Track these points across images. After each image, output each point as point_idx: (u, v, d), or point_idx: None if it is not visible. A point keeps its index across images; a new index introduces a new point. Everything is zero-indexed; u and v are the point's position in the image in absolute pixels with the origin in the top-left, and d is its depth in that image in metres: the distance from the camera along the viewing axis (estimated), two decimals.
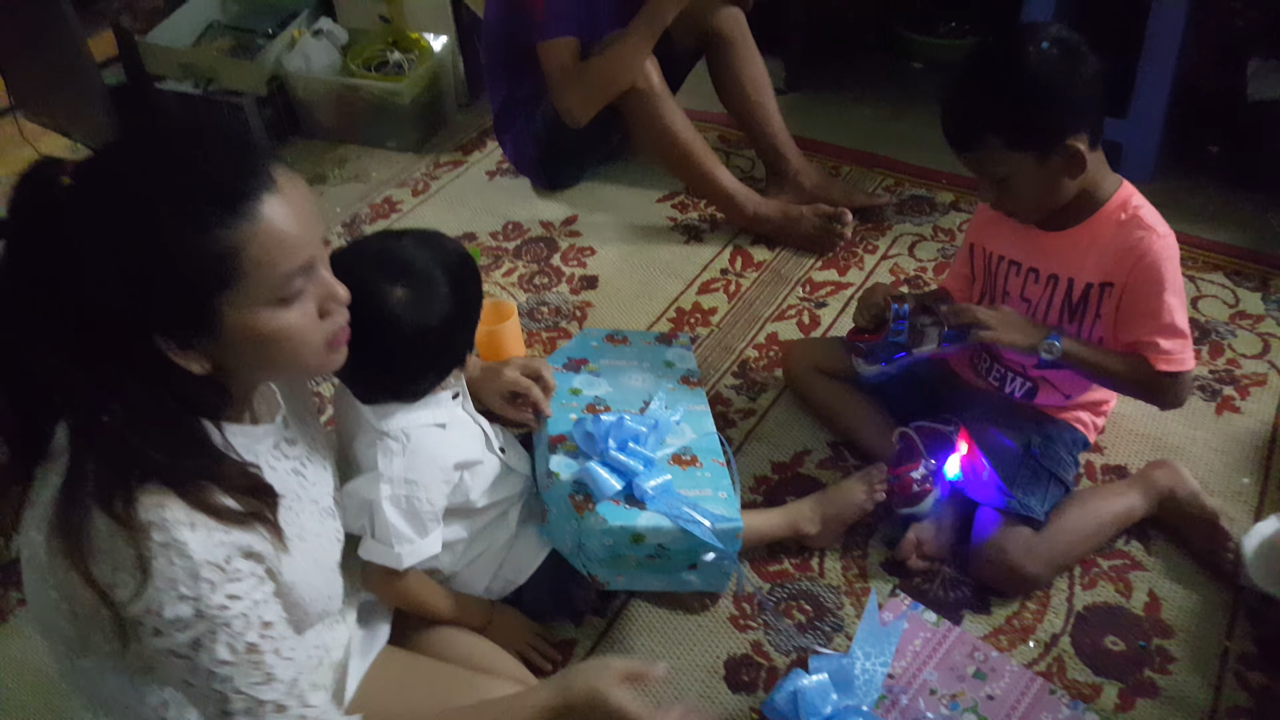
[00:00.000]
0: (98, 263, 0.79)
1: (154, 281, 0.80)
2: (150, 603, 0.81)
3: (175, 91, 2.64)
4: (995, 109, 1.30)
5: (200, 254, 0.79)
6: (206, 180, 0.80)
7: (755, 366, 1.89)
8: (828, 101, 2.66)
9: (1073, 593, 1.46)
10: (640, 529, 1.30)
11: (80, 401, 0.82)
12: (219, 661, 0.84)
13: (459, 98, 2.78)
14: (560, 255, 2.22)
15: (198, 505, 0.83)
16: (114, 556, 0.80)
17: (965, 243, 1.60)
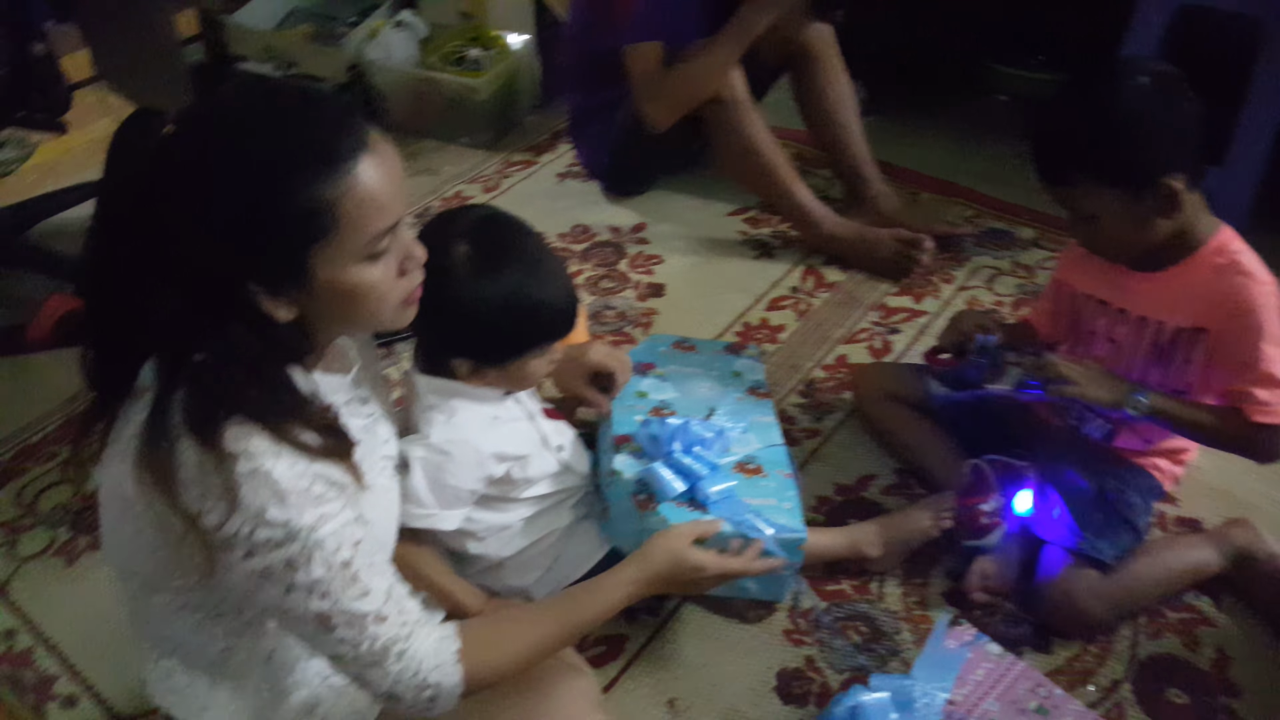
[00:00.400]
0: (200, 209, 0.82)
1: (253, 230, 0.83)
2: (240, 526, 0.83)
3: (255, 73, 2.68)
4: (1088, 143, 1.27)
5: (299, 207, 0.83)
6: (309, 137, 0.84)
7: (822, 387, 1.87)
8: (907, 127, 2.64)
9: (1137, 641, 1.42)
10: None
11: (176, 339, 0.85)
12: (315, 580, 0.86)
13: (533, 98, 2.80)
14: (628, 261, 2.21)
15: (282, 438, 0.86)
16: (203, 484, 0.82)
17: (1053, 279, 1.58)
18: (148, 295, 0.83)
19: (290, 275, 0.86)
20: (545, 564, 1.38)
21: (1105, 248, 1.38)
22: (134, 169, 0.82)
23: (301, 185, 0.83)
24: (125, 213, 0.83)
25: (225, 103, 0.86)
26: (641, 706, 1.36)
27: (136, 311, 0.84)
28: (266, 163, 0.82)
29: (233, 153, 0.82)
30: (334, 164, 0.84)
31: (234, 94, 0.88)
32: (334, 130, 0.85)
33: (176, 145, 0.83)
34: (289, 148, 0.83)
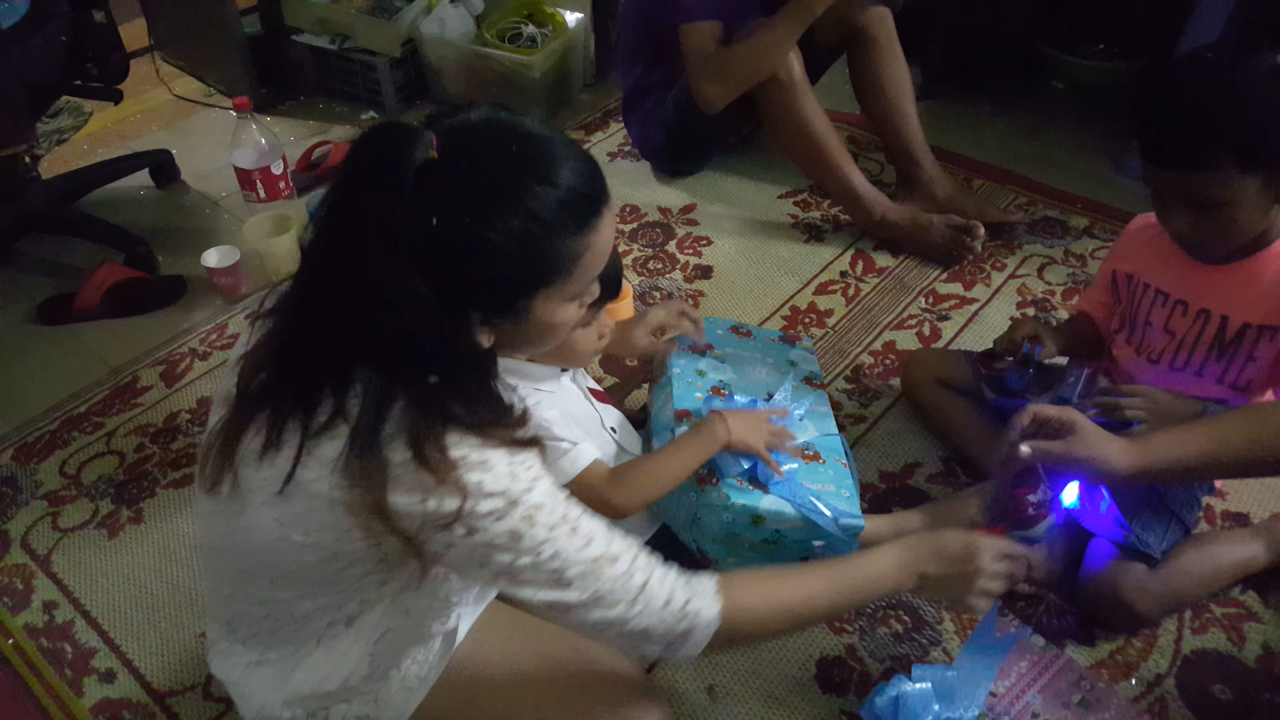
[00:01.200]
0: (464, 246, 0.82)
1: (505, 270, 0.85)
2: (460, 505, 0.85)
3: (311, 45, 2.71)
4: (1233, 124, 1.18)
5: (554, 255, 0.87)
6: (577, 191, 0.87)
7: (870, 373, 1.87)
8: (963, 112, 2.62)
9: (1181, 635, 1.42)
10: (762, 511, 1.30)
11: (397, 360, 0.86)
12: (542, 541, 0.88)
13: (587, 77, 2.80)
14: (676, 242, 2.22)
15: (500, 443, 0.89)
16: (419, 485, 0.84)
17: (1105, 269, 1.56)
18: (375, 316, 0.83)
19: (512, 311, 0.90)
20: None
21: (1208, 238, 1.30)
22: (392, 186, 0.80)
23: (562, 237, 0.87)
24: (373, 226, 0.81)
25: (492, 140, 0.85)
26: (682, 693, 1.37)
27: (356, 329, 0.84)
28: (539, 213, 0.84)
29: (503, 199, 0.83)
30: (589, 219, 0.88)
31: (498, 132, 0.86)
32: (592, 185, 0.89)
33: (445, 175, 0.81)
34: (561, 200, 0.85)
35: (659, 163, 2.44)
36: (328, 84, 2.77)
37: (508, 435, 0.89)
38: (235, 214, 2.34)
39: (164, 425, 1.82)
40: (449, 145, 0.82)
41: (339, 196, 0.84)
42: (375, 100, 2.72)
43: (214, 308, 2.09)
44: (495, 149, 0.84)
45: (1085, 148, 2.46)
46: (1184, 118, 1.22)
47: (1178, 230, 1.31)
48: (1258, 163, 1.20)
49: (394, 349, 0.84)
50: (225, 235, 2.26)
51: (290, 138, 2.63)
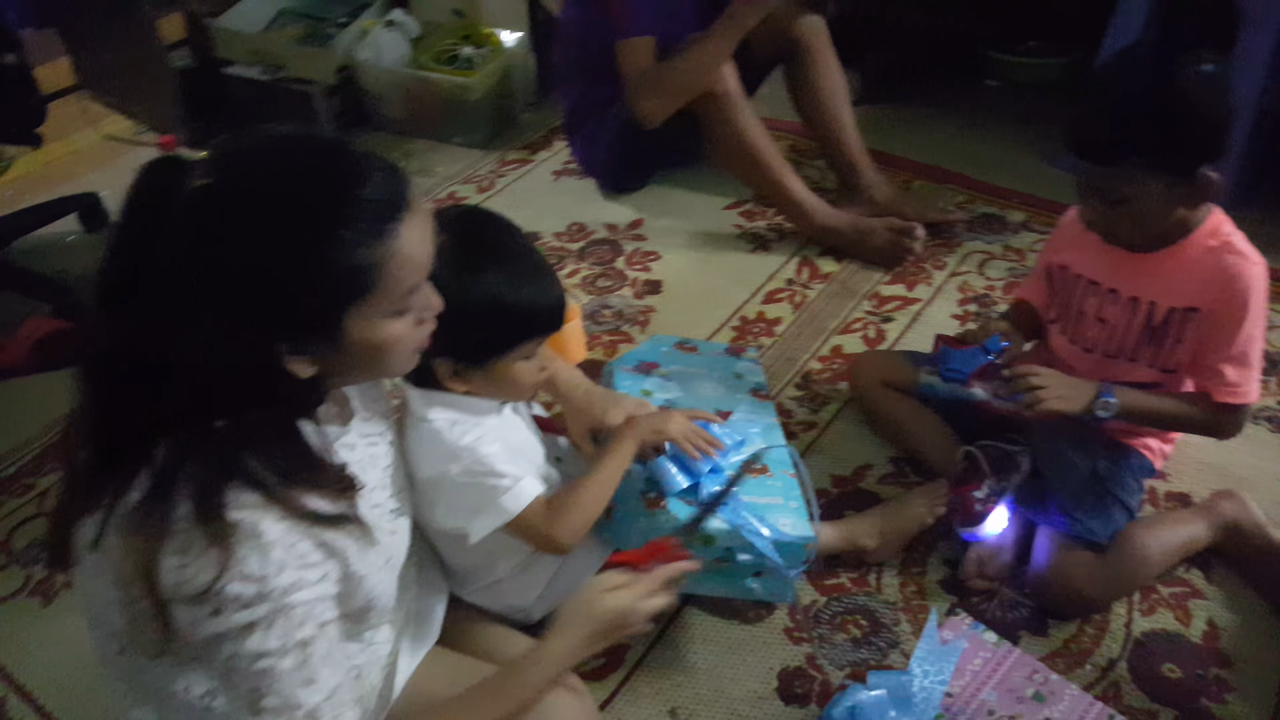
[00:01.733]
0: (242, 270, 0.78)
1: (298, 289, 0.81)
2: (215, 581, 0.79)
3: (243, 77, 2.69)
4: (1147, 126, 1.23)
5: (345, 268, 0.82)
6: (359, 198, 0.82)
7: (819, 379, 1.90)
8: (901, 116, 2.66)
9: (1131, 618, 1.46)
10: (712, 531, 1.31)
11: (196, 406, 0.81)
12: (266, 651, 0.82)
13: (528, 96, 2.81)
14: (625, 259, 2.24)
15: (290, 512, 0.84)
16: (190, 547, 0.79)
17: (1041, 262, 1.60)
18: (170, 360, 0.78)
19: (322, 333, 0.84)
20: (545, 579, 1.38)
21: (1118, 231, 1.36)
22: (162, 221, 0.76)
23: (350, 247, 0.81)
24: (148, 269, 0.76)
25: (268, 156, 0.81)
26: (643, 717, 1.37)
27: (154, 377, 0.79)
28: (316, 224, 0.79)
29: (282, 212, 0.78)
30: (382, 225, 0.82)
31: (276, 146, 0.82)
32: (381, 191, 0.83)
33: (217, 200, 0.77)
34: (340, 209, 0.80)
35: (604, 180, 2.46)
36: (264, 115, 2.71)
37: (303, 507, 0.84)
38: None
39: None
40: (223, 168, 0.78)
41: (113, 242, 0.78)
42: None
43: None
44: (274, 164, 0.81)
45: (1021, 144, 2.51)
46: (1103, 115, 1.28)
47: (1090, 219, 1.37)
48: (1165, 167, 1.25)
49: (193, 395, 0.79)
50: None
51: None
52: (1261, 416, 1.75)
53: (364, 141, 2.69)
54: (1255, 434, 1.71)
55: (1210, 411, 1.38)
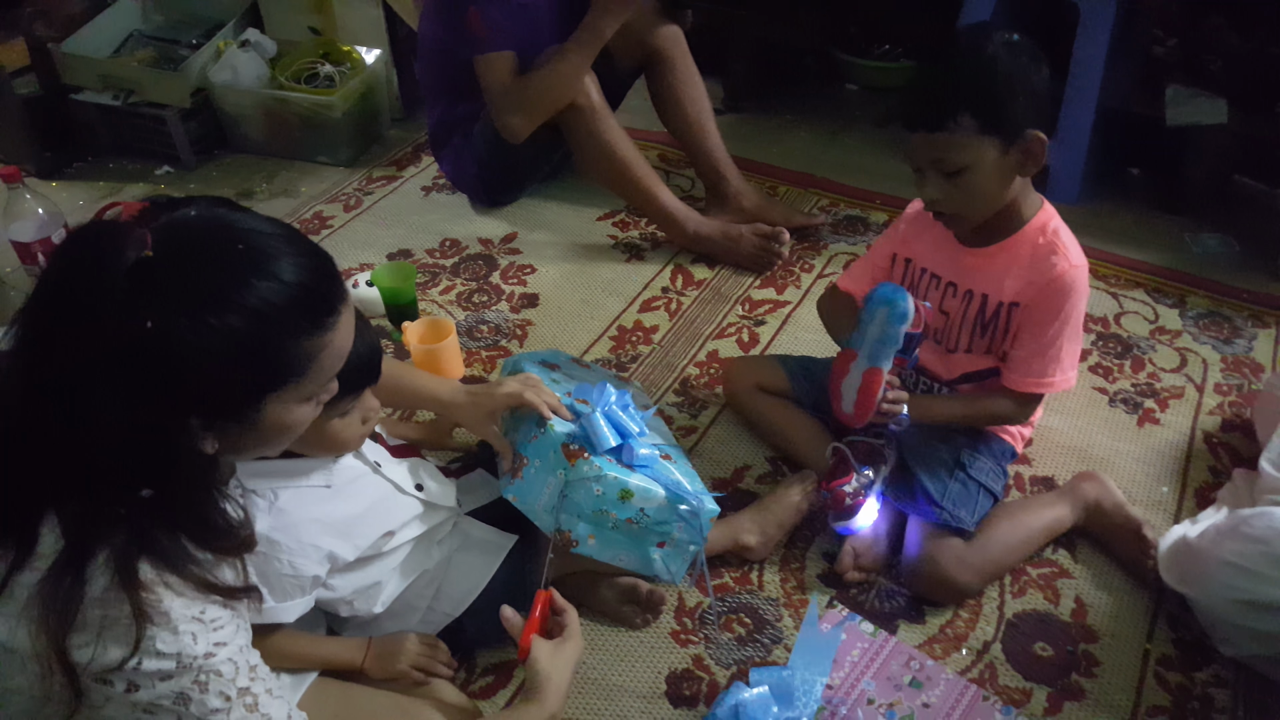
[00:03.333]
0: (177, 348, 0.75)
1: (232, 373, 0.79)
2: (127, 660, 0.78)
3: (94, 103, 2.57)
4: (972, 89, 1.29)
5: (285, 357, 0.82)
6: (307, 289, 0.82)
7: (696, 384, 1.90)
8: (766, 123, 2.71)
9: (1004, 601, 1.50)
10: (631, 486, 1.31)
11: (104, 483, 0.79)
12: (212, 710, 0.82)
13: (393, 112, 2.77)
14: (500, 273, 2.21)
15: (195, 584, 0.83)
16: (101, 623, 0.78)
17: (883, 250, 1.63)
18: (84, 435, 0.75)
19: (240, 414, 0.83)
20: (423, 604, 1.36)
21: (959, 206, 1.39)
22: (98, 291, 0.73)
23: (293, 337, 0.81)
24: (74, 333, 0.74)
25: (216, 236, 0.79)
26: None
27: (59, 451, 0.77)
28: (264, 312, 0.78)
29: (233, 296, 0.77)
30: (323, 318, 0.83)
31: (220, 229, 0.80)
32: (325, 282, 0.84)
33: (163, 275, 0.74)
34: (289, 299, 0.80)
35: (475, 195, 2.43)
36: (118, 142, 2.63)
37: (207, 580, 0.83)
38: (22, 290, 2.18)
39: None
40: (164, 241, 0.75)
41: (38, 307, 0.76)
42: (170, 155, 2.60)
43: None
44: (215, 245, 0.78)
45: (881, 147, 2.59)
46: (929, 85, 1.36)
47: (932, 198, 1.39)
48: (995, 125, 1.30)
49: (103, 465, 0.77)
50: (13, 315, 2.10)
51: (79, 202, 2.49)
52: (1118, 399, 1.83)
53: (223, 165, 2.62)
54: (1113, 417, 1.79)
55: (1007, 402, 1.50)
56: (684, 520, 1.36)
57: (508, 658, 1.43)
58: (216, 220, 0.80)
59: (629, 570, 1.42)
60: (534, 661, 1.10)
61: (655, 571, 1.41)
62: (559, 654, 1.13)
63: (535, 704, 1.09)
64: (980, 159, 1.32)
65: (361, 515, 1.27)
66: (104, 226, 0.77)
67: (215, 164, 2.64)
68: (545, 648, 1.11)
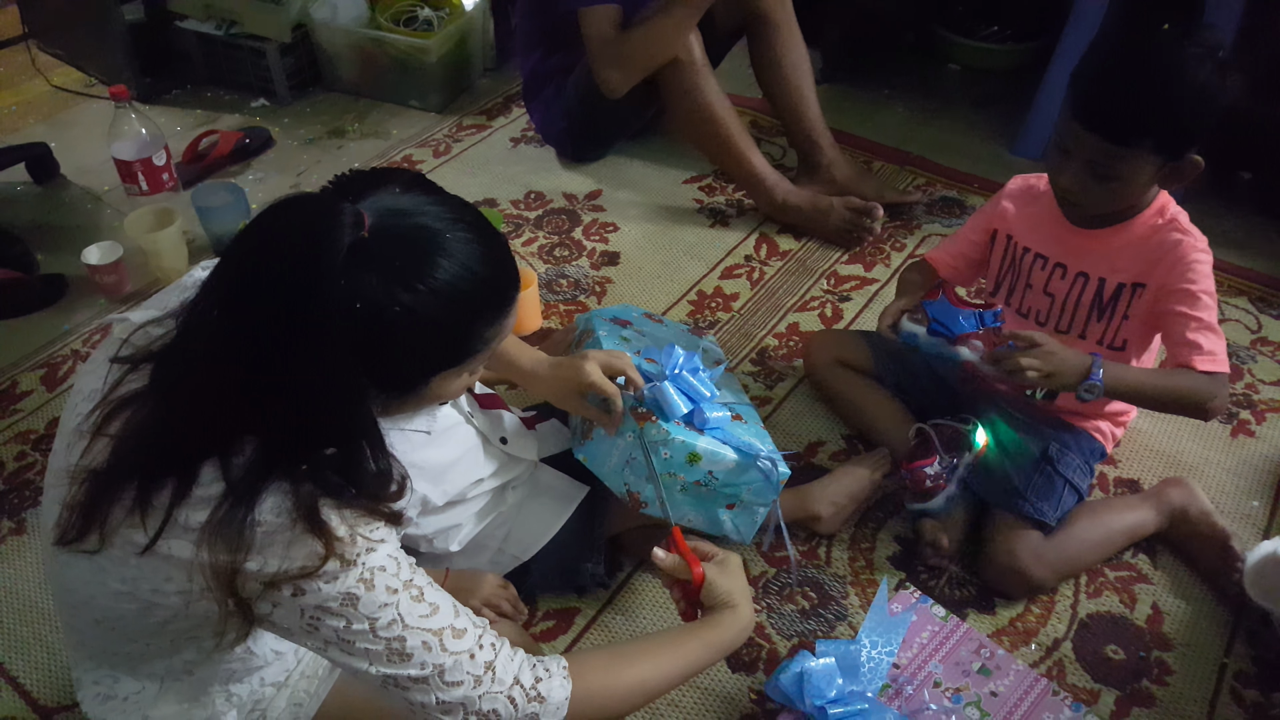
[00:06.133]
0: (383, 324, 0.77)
1: (419, 351, 0.82)
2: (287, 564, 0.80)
3: (196, 32, 2.60)
4: (1167, 116, 1.24)
5: (472, 338, 0.85)
6: (503, 279, 0.86)
7: (774, 355, 1.88)
8: (861, 96, 2.65)
9: (1077, 600, 1.46)
10: (700, 449, 1.30)
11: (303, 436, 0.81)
12: (381, 605, 0.83)
13: (486, 61, 2.76)
14: (582, 229, 2.20)
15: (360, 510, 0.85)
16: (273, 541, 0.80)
17: (980, 225, 1.58)
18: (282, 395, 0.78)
19: (410, 389, 0.87)
20: (494, 545, 1.39)
21: (1094, 202, 1.35)
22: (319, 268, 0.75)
23: (483, 323, 0.85)
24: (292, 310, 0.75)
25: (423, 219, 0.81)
26: None
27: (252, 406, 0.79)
28: (466, 299, 0.81)
29: (441, 283, 0.79)
30: (507, 306, 0.87)
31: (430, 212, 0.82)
32: (511, 272, 0.87)
33: (379, 257, 0.76)
34: (486, 287, 0.83)
35: (563, 149, 2.42)
36: (215, 72, 2.67)
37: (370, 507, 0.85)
38: (119, 209, 2.23)
39: (46, 431, 1.73)
40: (378, 225, 0.78)
41: (248, 272, 0.78)
42: (267, 89, 2.63)
43: (96, 307, 1.99)
44: (423, 229, 0.80)
45: (980, 129, 2.52)
46: (1127, 97, 1.25)
47: (1066, 186, 1.35)
48: (1169, 151, 1.26)
49: (291, 424, 0.80)
50: (108, 231, 2.16)
51: (176, 128, 2.53)
52: None
53: (317, 102, 2.64)
54: (1206, 425, 1.72)
55: (1203, 379, 1.33)
56: (754, 482, 1.34)
57: (569, 604, 1.45)
58: (423, 203, 0.82)
59: (697, 530, 1.41)
60: (712, 584, 1.08)
61: (725, 532, 1.40)
62: (728, 569, 1.11)
63: (732, 612, 1.07)
64: (1138, 172, 1.29)
65: (453, 463, 1.30)
66: (319, 201, 0.79)
67: (308, 100, 2.66)
68: (713, 569, 1.10)
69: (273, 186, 2.34)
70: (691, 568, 1.08)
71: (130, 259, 2.00)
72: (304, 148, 2.48)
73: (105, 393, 0.87)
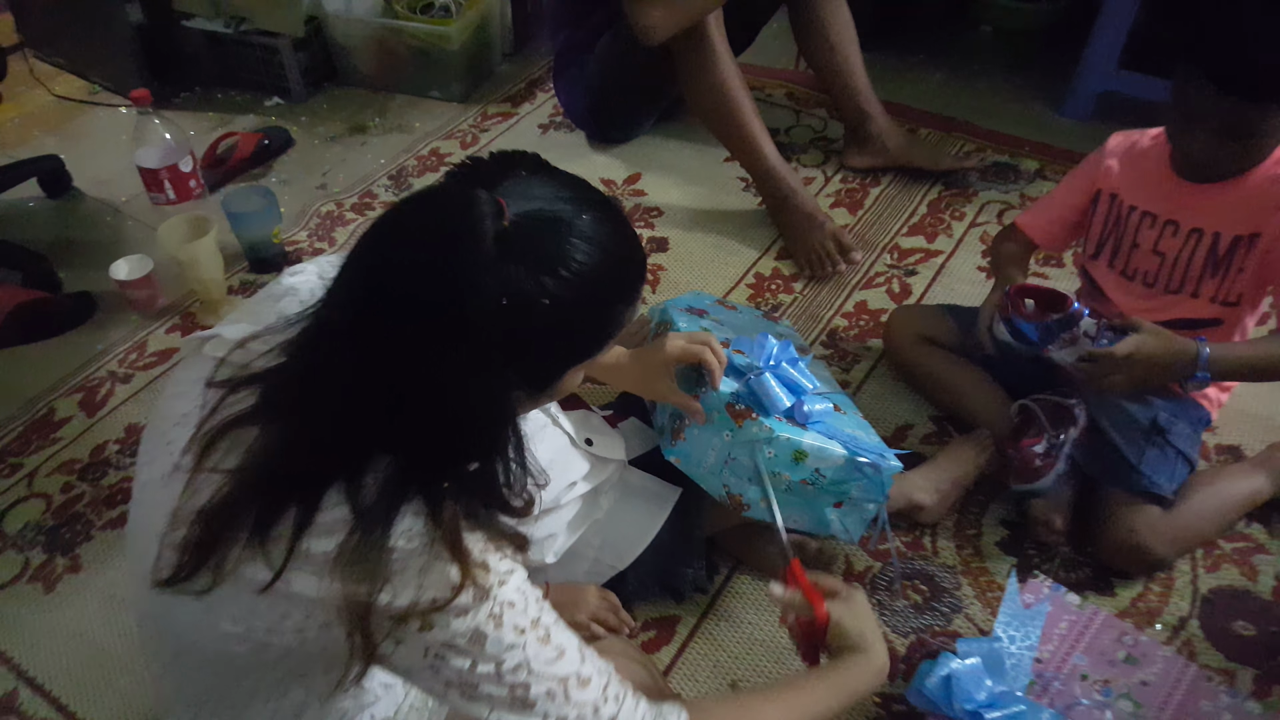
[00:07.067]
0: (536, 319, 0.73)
1: (565, 343, 0.78)
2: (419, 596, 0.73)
3: (204, 30, 2.50)
4: None
5: (613, 324, 0.80)
6: (634, 256, 0.81)
7: (845, 336, 1.80)
8: (896, 64, 2.56)
9: (1196, 575, 1.40)
10: (805, 446, 1.22)
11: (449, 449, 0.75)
12: (508, 646, 0.77)
13: (505, 46, 2.66)
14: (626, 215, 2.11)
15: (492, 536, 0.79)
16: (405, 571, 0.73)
17: (1080, 186, 1.50)
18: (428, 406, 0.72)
19: (550, 383, 0.82)
20: (590, 554, 1.31)
21: (1219, 161, 1.30)
22: (467, 266, 0.69)
23: (624, 305, 0.80)
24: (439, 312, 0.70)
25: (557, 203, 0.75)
26: (702, 692, 1.29)
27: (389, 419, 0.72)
28: (609, 283, 0.77)
29: (587, 269, 0.74)
30: (639, 288, 0.82)
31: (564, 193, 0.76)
32: (640, 251, 0.83)
33: (523, 248, 0.71)
34: (625, 267, 0.79)
35: (588, 128, 2.33)
36: (226, 72, 2.56)
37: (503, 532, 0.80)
38: (141, 220, 2.13)
39: (91, 459, 1.64)
40: (518, 212, 0.72)
41: (384, 273, 0.72)
42: (281, 86, 2.53)
43: (130, 324, 1.90)
44: (560, 214, 0.75)
45: (1021, 92, 2.44)
46: (1266, 54, 1.19)
47: (1196, 149, 1.29)
48: None
49: (435, 437, 0.74)
50: (133, 244, 2.06)
51: (191, 132, 2.42)
52: None
53: (334, 98, 2.55)
54: None
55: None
56: (863, 479, 1.27)
57: (668, 612, 1.37)
58: (552, 185, 0.77)
59: (803, 531, 1.34)
60: (839, 624, 1.01)
61: (832, 532, 1.32)
62: (856, 606, 1.03)
63: (864, 656, 1.00)
64: (1274, 129, 1.23)
65: (546, 467, 1.20)
66: (452, 193, 0.74)
67: (324, 96, 2.56)
68: (838, 607, 1.02)
69: (300, 188, 2.25)
70: (815, 606, 1.00)
71: (162, 271, 1.90)
72: (326, 146, 2.39)
73: (203, 418, 0.79)
